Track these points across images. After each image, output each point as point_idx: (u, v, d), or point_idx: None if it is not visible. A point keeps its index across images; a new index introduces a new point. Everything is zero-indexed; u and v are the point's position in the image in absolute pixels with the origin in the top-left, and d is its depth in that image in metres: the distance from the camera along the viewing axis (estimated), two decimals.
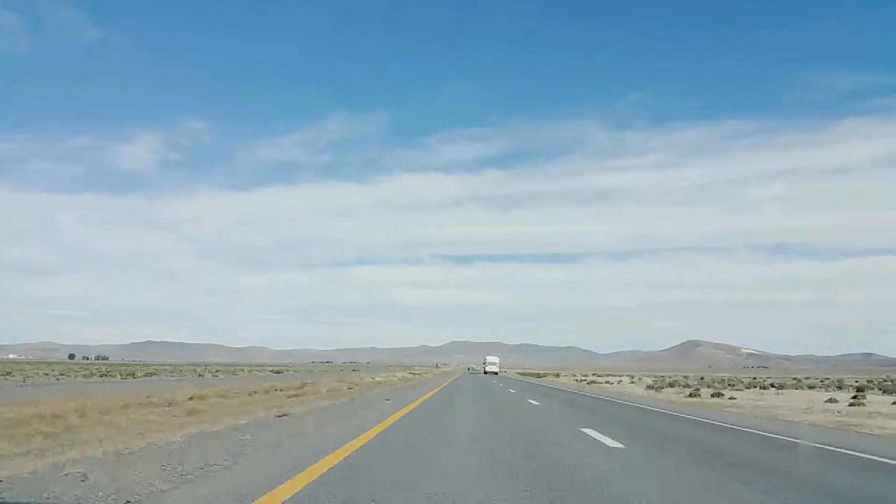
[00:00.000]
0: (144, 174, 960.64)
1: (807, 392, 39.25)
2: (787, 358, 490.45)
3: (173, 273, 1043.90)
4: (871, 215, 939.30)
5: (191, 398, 15.66)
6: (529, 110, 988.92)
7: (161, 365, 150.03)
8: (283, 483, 5.53)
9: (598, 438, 9.94)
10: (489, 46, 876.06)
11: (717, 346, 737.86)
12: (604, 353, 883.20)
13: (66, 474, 5.59)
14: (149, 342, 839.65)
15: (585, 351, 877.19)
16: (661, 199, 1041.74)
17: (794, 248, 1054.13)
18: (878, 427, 13.82)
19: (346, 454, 7.42)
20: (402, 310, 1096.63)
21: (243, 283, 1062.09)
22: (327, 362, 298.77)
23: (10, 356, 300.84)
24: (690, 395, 28.97)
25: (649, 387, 43.62)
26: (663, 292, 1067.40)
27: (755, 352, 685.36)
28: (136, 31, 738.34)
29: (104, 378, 51.17)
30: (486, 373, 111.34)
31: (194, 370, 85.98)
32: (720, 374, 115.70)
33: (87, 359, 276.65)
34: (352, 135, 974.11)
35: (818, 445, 9.87)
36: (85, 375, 57.91)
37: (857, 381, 57.40)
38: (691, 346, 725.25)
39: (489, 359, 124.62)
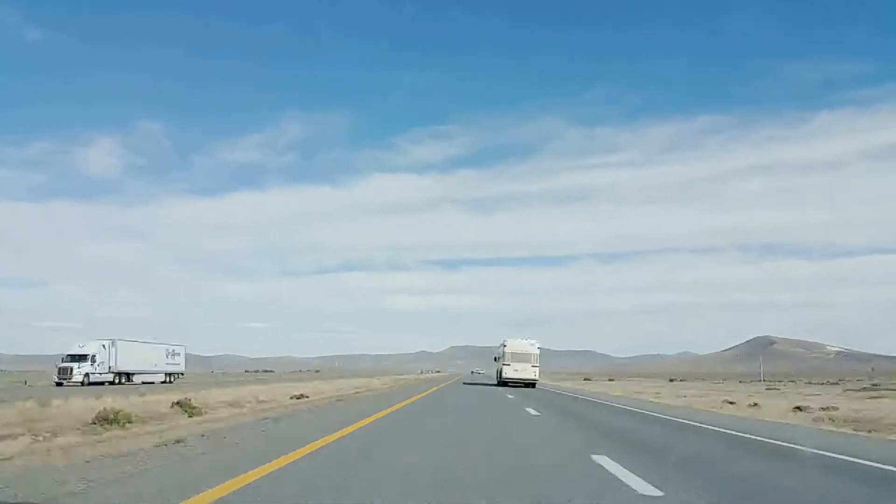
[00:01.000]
0: (111, 180, 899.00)
1: None
2: (891, 358, 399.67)
3: (145, 281, 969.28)
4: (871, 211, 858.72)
5: None
6: (491, 106, 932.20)
7: None
8: None
9: None
10: (441, 41, 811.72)
11: (796, 343, 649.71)
12: (623, 356, 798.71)
13: None
14: None
15: (603, 355, 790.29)
16: (643, 198, 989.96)
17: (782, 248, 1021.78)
18: None
19: None
20: (394, 316, 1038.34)
21: (223, 291, 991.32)
22: (269, 371, 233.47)
23: None
24: None
25: None
26: (661, 294, 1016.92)
27: (844, 349, 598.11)
28: (77, 33, 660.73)
29: None
30: (504, 383, 43.81)
31: None
32: None
33: None
34: (312, 135, 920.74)
35: None
36: None
37: None
38: (762, 344, 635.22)
39: (511, 347, 45.57)
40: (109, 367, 50.28)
